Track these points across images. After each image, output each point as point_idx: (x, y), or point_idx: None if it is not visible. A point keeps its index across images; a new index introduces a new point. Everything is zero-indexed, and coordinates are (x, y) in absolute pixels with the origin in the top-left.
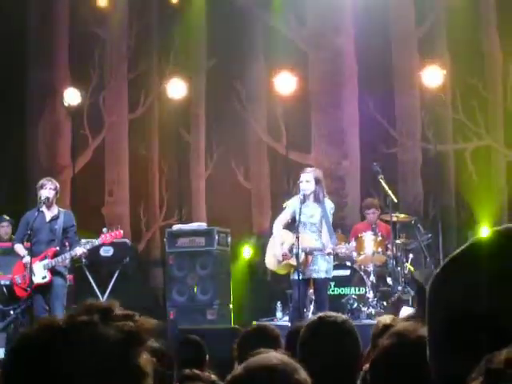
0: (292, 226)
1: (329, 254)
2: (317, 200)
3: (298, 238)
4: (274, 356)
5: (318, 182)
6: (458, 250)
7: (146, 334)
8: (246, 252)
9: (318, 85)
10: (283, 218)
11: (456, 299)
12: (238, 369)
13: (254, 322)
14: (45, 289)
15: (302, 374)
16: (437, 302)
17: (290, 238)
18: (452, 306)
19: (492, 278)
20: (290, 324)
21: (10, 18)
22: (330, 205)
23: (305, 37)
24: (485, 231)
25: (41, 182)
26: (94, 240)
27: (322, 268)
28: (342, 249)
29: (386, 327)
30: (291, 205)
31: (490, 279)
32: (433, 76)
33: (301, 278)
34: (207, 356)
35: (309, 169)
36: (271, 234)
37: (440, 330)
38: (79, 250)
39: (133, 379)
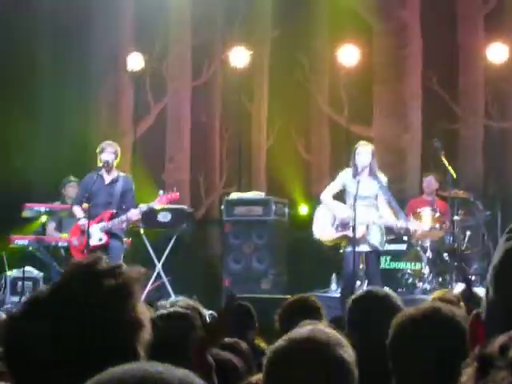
0: (339, 197)
1: (401, 229)
2: (371, 173)
3: (355, 210)
4: (317, 329)
5: (373, 155)
6: None
7: (135, 284)
8: (303, 210)
9: (381, 57)
10: (332, 188)
11: None
12: (281, 340)
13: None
14: (101, 251)
15: (346, 349)
16: None
17: (341, 209)
18: None
19: None
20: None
21: None
22: (384, 178)
23: (370, 9)
24: None
25: (101, 145)
26: (150, 203)
27: (375, 241)
28: (414, 225)
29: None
30: (342, 177)
31: None
32: (498, 52)
33: (355, 250)
34: (256, 323)
35: (365, 142)
36: (320, 203)
37: None
38: (134, 212)
39: (129, 330)
